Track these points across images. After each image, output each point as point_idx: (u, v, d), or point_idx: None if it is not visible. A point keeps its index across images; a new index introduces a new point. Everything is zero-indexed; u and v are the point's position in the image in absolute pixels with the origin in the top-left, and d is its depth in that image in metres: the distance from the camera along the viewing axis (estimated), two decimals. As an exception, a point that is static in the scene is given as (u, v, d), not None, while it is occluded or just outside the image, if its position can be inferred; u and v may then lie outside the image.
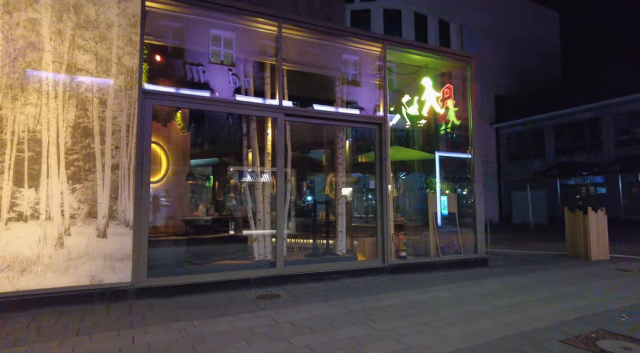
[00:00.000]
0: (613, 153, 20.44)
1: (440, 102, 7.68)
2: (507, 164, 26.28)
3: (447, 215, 7.27)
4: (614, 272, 7.04)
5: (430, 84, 7.40)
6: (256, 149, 5.95)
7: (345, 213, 7.04)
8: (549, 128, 23.86)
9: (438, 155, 8.08)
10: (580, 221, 8.77)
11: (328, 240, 7.22)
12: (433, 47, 7.06)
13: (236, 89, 6.32)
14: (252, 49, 6.15)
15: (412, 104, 7.41)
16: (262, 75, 6.26)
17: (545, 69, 30.91)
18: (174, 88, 5.49)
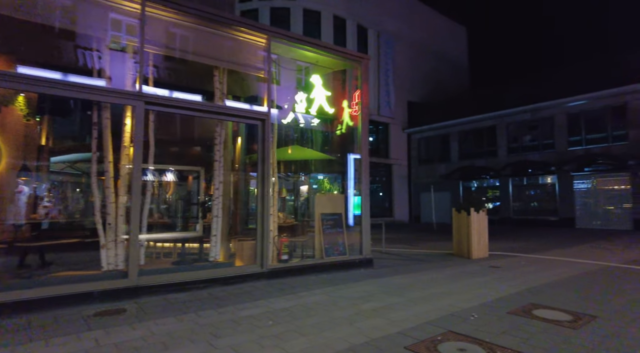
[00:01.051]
0: (505, 159, 22.60)
1: (332, 102, 7.52)
2: (417, 167, 27.81)
3: (335, 216, 7.12)
4: (486, 270, 7.46)
5: (320, 82, 7.21)
6: (109, 142, 5.16)
7: (225, 215, 6.53)
8: (455, 134, 25.71)
9: (352, 157, 7.95)
10: (464, 221, 9.27)
11: (202, 246, 6.63)
12: (321, 43, 6.86)
13: (97, 71, 5.46)
14: (108, 28, 5.34)
15: (301, 102, 7.13)
16: (124, 58, 5.49)
17: (455, 79, 33.44)
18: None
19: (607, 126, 19.07)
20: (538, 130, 21.89)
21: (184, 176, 8.95)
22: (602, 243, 12.56)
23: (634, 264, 8.25)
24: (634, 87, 17.75)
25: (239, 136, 7.84)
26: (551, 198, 21.05)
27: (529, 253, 10.07)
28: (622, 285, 6.02)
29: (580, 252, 10.27)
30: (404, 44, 28.80)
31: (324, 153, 9.57)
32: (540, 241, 13.24)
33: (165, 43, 5.62)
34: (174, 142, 7.56)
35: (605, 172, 19.01)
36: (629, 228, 18.02)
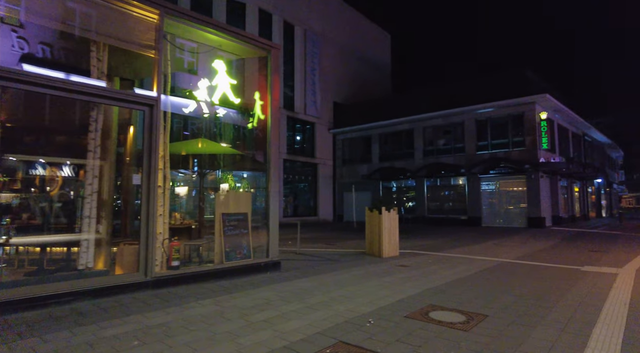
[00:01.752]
0: (421, 161, 23.79)
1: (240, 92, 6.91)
2: (342, 167, 28.18)
3: (239, 217, 6.52)
4: (394, 269, 7.42)
5: (224, 68, 6.56)
6: None
7: (108, 215, 5.59)
8: (376, 136, 26.48)
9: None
10: (375, 220, 9.25)
11: (70, 251, 5.62)
12: (222, 25, 6.22)
13: None
14: None
15: (202, 90, 6.42)
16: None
17: (378, 83, 34.60)
18: None
19: (509, 133, 20.96)
20: (451, 134, 23.37)
21: (74, 170, 7.67)
22: (502, 240, 13.59)
23: (523, 259, 8.87)
24: (528, 99, 19.69)
25: (131, 125, 6.86)
26: (461, 198, 22.59)
27: (437, 251, 10.42)
28: (512, 281, 6.30)
29: (482, 249, 10.90)
30: (331, 44, 29.00)
31: (238, 148, 8.89)
32: (449, 239, 13.95)
33: (33, 8, 4.57)
34: (48, 129, 6.35)
35: (507, 174, 20.87)
36: (524, 225, 19.97)
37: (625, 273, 7.05)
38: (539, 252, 10.30)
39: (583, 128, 27.58)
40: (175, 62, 7.33)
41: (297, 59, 25.76)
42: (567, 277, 6.71)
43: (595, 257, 9.37)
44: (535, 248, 11.30)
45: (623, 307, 4.71)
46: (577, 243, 12.62)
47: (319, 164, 27.29)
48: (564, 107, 21.44)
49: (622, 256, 9.50)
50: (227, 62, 6.71)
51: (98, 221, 5.59)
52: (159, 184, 5.65)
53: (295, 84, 25.63)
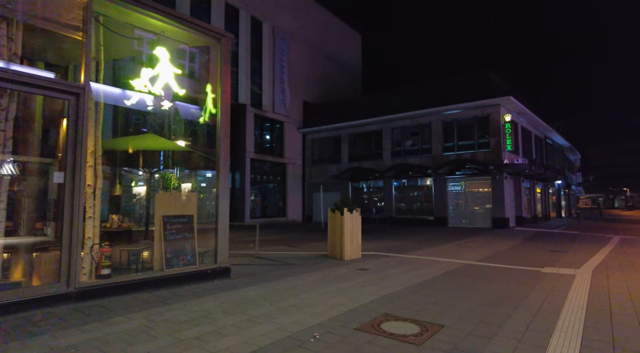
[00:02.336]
0: (390, 161, 23.76)
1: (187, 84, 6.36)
2: (311, 167, 27.79)
3: (183, 219, 5.96)
4: (353, 273, 7.07)
5: (167, 56, 5.99)
6: None
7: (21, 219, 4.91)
8: (345, 136, 26.27)
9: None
10: (338, 222, 8.89)
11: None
12: (160, 7, 5.63)
13: None
14: None
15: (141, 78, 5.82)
16: None
17: (349, 83, 34.49)
18: None
19: (474, 135, 21.24)
20: (418, 135, 23.48)
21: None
22: (467, 241, 13.59)
23: (486, 261, 8.76)
24: (493, 101, 20.02)
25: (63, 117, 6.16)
26: (429, 199, 22.72)
27: (401, 252, 10.20)
28: (473, 285, 6.08)
29: (446, 251, 10.77)
30: (300, 43, 28.58)
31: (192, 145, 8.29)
32: (415, 240, 13.82)
33: None
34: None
35: (472, 175, 21.14)
36: (489, 226, 20.26)
37: (582, 274, 7.01)
38: (501, 253, 10.27)
39: (545, 131, 28.49)
40: (117, 49, 6.69)
41: (265, 56, 25.16)
42: (528, 279, 6.58)
43: (555, 257, 9.40)
44: (499, 249, 11.30)
45: (580, 311, 4.54)
46: (539, 243, 12.78)
47: (288, 164, 26.79)
48: (527, 110, 21.97)
49: (579, 256, 9.60)
50: (172, 50, 6.14)
51: (16, 225, 4.90)
52: (89, 183, 5.02)
53: (263, 81, 25.02)
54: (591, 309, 4.63)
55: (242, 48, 23.70)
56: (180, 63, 6.43)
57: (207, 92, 7.13)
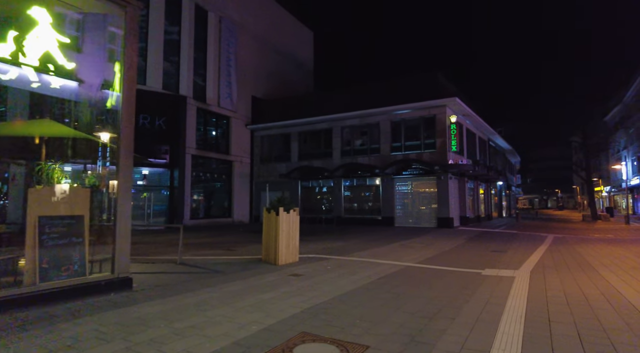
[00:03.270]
0: (339, 160, 23.35)
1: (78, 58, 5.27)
2: (260, 165, 26.73)
3: (69, 221, 4.87)
4: (283, 280, 6.32)
5: (48, 19, 4.88)
6: None
7: None
8: (295, 134, 25.51)
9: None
10: (273, 223, 8.11)
11: None
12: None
13: None
14: None
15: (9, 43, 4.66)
16: None
17: (300, 80, 33.77)
18: None
19: (421, 135, 21.36)
20: (367, 135, 23.29)
21: None
22: (411, 241, 13.35)
23: (427, 263, 8.40)
24: (440, 102, 20.22)
25: None
26: (377, 199, 22.57)
27: (342, 254, 9.61)
28: (410, 292, 5.57)
29: (389, 252, 10.36)
30: (250, 36, 27.44)
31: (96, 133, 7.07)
32: (360, 240, 13.37)
33: None
34: None
35: (419, 175, 21.24)
36: (434, 225, 20.43)
37: (521, 276, 6.78)
38: (444, 254, 10.03)
39: (488, 134, 29.56)
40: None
41: (210, 47, 23.75)
42: (467, 283, 6.20)
43: (496, 257, 9.28)
44: (442, 249, 11.10)
45: (519, 323, 4.11)
46: (481, 243, 12.81)
47: (235, 162, 25.54)
48: (472, 112, 22.49)
49: (518, 256, 9.57)
50: (54, 14, 5.02)
51: None
52: None
53: (207, 73, 23.60)
54: (530, 319, 4.23)
55: (184, 36, 22.16)
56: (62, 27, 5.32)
57: (115, 72, 6.07)
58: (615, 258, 9.00)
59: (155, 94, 20.41)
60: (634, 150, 38.14)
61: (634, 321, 4.13)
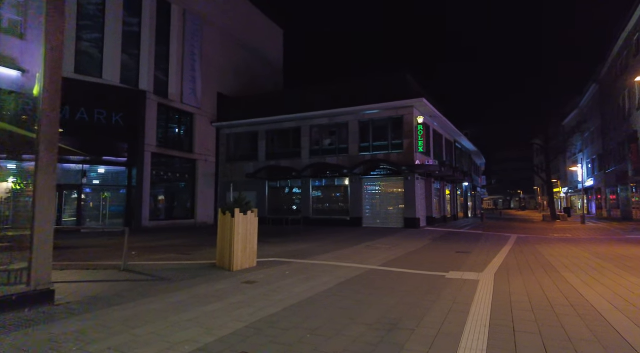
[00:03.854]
0: (308, 160, 22.91)
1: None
2: (226, 165, 25.85)
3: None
4: (234, 289, 5.79)
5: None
6: None
7: None
8: (263, 133, 24.84)
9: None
10: (228, 225, 7.54)
11: None
12: None
13: None
14: None
15: None
16: None
17: (269, 78, 33.06)
18: None
19: (389, 135, 21.28)
20: (336, 135, 22.99)
21: None
22: (377, 242, 13.09)
23: (392, 265, 8.10)
24: (407, 103, 20.20)
25: None
26: (345, 199, 22.30)
27: (305, 257, 9.16)
28: (370, 299, 5.19)
29: (354, 253, 10.01)
30: (217, 31, 26.51)
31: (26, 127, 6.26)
32: (326, 242, 12.98)
33: None
34: None
35: (387, 176, 21.14)
36: (401, 226, 20.38)
37: (485, 279, 6.57)
38: (409, 255, 9.79)
39: (455, 135, 30.03)
40: None
41: (173, 41, 22.69)
42: (431, 288, 5.90)
43: (461, 259, 9.12)
44: (407, 250, 10.88)
45: (483, 332, 3.80)
46: (446, 244, 12.73)
47: (199, 160, 24.56)
48: (438, 113, 22.66)
49: (483, 257, 9.47)
50: None
51: None
52: None
53: (170, 68, 22.53)
54: (494, 330, 3.93)
55: (145, 29, 21.03)
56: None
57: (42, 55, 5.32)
58: (575, 258, 9.05)
59: (112, 88, 19.20)
60: (588, 153, 40.02)
61: (600, 330, 3.92)
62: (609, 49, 29.50)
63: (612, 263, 8.17)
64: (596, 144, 36.46)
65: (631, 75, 24.30)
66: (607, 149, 32.39)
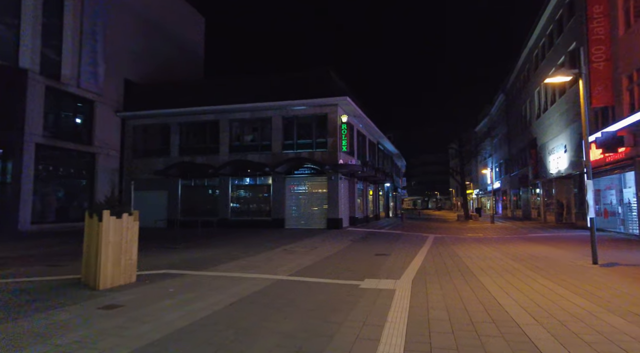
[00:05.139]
0: (227, 157, 21.23)
1: None
2: (133, 160, 23.00)
3: None
4: (87, 317, 4.31)
5: None
6: None
7: None
8: (176, 125, 22.53)
9: None
10: (95, 231, 5.92)
11: None
12: None
13: None
14: None
15: None
16: None
17: (188, 68, 30.49)
18: None
19: (313, 133, 20.51)
20: (258, 131, 21.66)
21: None
22: (295, 245, 12.11)
23: (304, 273, 7.12)
24: (332, 100, 19.62)
25: None
26: (267, 199, 21.06)
27: (203, 268, 7.79)
28: (266, 323, 4.11)
29: (265, 260, 8.87)
30: (129, 13, 23.60)
31: None
32: (237, 247, 11.66)
33: None
34: None
35: (311, 175, 20.35)
36: (324, 227, 19.72)
37: (402, 287, 5.88)
38: (326, 260, 8.92)
39: (378, 137, 30.41)
40: None
41: (68, 14, 19.49)
42: (341, 302, 5.00)
43: (379, 262, 8.48)
44: (325, 254, 10.04)
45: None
46: (366, 245, 12.18)
47: (99, 154, 21.50)
48: (362, 113, 22.48)
49: (401, 259, 8.96)
50: None
51: None
52: None
53: (64, 45, 19.32)
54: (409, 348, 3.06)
55: (29, -6, 17.68)
56: None
57: None
58: (489, 259, 8.93)
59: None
60: (497, 157, 43.63)
61: (522, 349, 3.28)
62: (514, 63, 32.17)
63: (523, 264, 8.10)
64: (503, 149, 39.74)
65: (532, 86, 26.58)
66: (512, 154, 35.36)
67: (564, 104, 20.21)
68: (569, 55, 18.95)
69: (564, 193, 22.00)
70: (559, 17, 20.72)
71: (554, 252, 10.07)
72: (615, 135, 13.31)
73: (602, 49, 15.29)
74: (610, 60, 15.13)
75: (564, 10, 19.79)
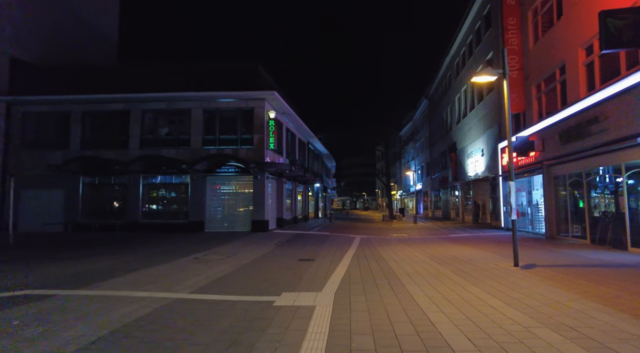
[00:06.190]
0: (137, 151, 18.90)
1: None
2: (19, 153, 19.48)
3: None
4: None
5: None
6: None
7: None
8: (78, 114, 19.55)
9: None
10: None
11: None
12: None
13: None
14: None
15: None
16: None
17: (98, 51, 27.02)
18: None
19: (238, 129, 19.13)
20: (175, 124, 19.69)
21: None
22: (210, 251, 10.79)
23: (208, 289, 5.97)
24: (259, 94, 18.46)
25: None
26: (185, 200, 19.17)
27: (83, 285, 6.25)
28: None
29: (167, 272, 7.51)
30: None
31: None
32: (140, 255, 10.02)
33: None
34: None
35: (235, 174, 18.93)
36: (248, 229, 18.45)
37: (322, 304, 5.04)
38: (241, 270, 7.82)
39: (308, 137, 29.79)
40: None
41: None
42: (246, 329, 4.00)
43: (301, 270, 7.61)
44: (242, 262, 8.93)
45: None
46: (291, 249, 11.28)
47: (-26, 145, 17.80)
48: (292, 110, 21.60)
49: (326, 265, 8.21)
50: None
51: None
52: None
53: None
54: None
55: None
56: None
57: None
58: (415, 263, 8.56)
59: None
60: (419, 160, 45.72)
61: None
62: (436, 70, 33.76)
63: (448, 268, 7.81)
64: (425, 153, 41.67)
65: (453, 93, 27.97)
66: (434, 157, 37.14)
67: (482, 110, 21.34)
68: (486, 64, 19.99)
69: (481, 195, 23.30)
70: (477, 28, 21.87)
71: (476, 253, 10.08)
72: (528, 139, 14.05)
73: (516, 58, 16.21)
74: (522, 70, 16.10)
75: (482, 22, 20.90)
